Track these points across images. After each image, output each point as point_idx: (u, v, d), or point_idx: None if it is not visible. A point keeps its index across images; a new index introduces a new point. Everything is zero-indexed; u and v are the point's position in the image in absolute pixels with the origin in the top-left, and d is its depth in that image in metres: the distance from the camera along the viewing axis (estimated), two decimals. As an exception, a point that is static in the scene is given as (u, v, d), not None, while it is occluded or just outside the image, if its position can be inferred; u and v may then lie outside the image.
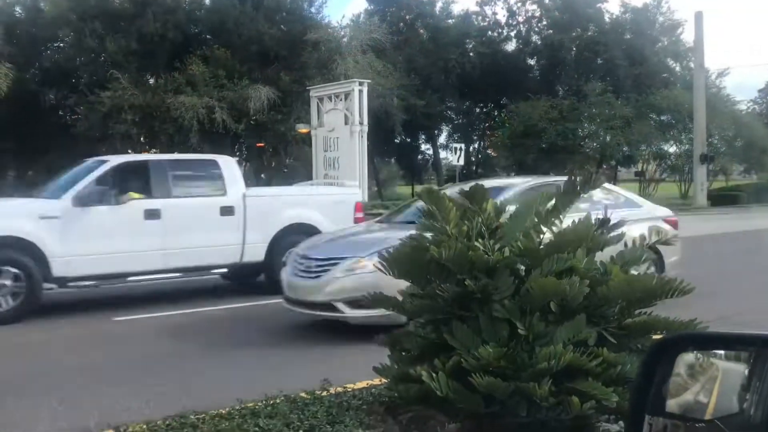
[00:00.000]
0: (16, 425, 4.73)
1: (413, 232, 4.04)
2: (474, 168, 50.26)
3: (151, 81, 33.15)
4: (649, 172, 45.65)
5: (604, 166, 42.58)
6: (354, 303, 6.56)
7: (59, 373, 6.16)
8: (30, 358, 6.79)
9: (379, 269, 3.92)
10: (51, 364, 6.50)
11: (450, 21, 43.70)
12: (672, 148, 44.23)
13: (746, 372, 1.43)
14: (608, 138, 38.22)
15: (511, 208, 4.12)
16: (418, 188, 35.70)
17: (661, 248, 10.46)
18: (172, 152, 34.42)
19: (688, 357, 1.48)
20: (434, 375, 3.56)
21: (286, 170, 35.13)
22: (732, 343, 1.49)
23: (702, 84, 37.72)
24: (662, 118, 41.51)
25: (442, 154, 50.21)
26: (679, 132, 42.46)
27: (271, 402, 4.38)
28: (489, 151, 49.11)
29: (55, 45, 34.63)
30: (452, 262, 3.65)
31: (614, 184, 44.51)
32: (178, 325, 8.50)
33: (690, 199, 40.19)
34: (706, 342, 1.56)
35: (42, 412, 4.99)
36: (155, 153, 36.74)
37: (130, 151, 37.17)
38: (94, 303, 9.65)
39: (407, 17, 43.57)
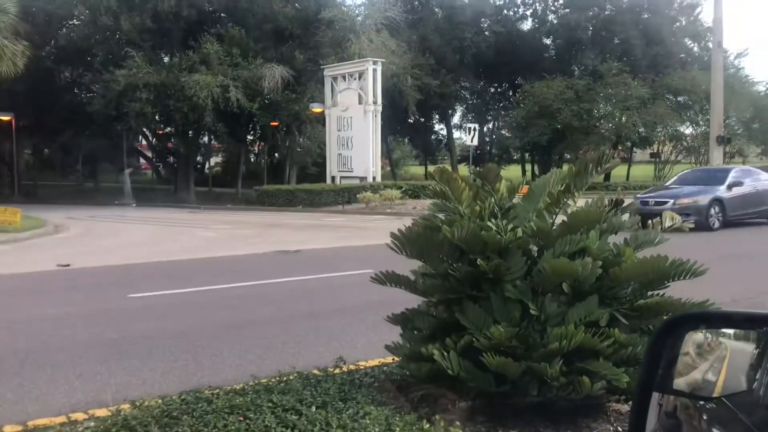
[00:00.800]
0: (35, 399, 4.81)
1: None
2: (488, 148, 50.01)
3: (166, 59, 33.18)
4: (664, 154, 45.23)
5: (620, 147, 42.24)
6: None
7: (76, 347, 6.25)
8: (47, 333, 6.89)
9: (392, 248, 3.94)
10: (67, 339, 6.59)
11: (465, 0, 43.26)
12: (688, 130, 43.78)
13: (755, 351, 1.43)
14: (624, 119, 37.85)
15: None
16: (431, 168, 35.49)
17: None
18: (187, 131, 34.61)
19: (697, 336, 1.49)
20: (446, 354, 3.59)
21: (300, 149, 35.12)
22: (741, 322, 1.49)
23: (720, 64, 37.19)
24: (679, 99, 41.02)
25: (456, 134, 50.03)
26: (696, 113, 41.97)
27: (285, 379, 4.42)
28: (503, 132, 48.80)
29: (71, 23, 34.71)
30: (465, 242, 3.66)
31: (629, 165, 44.27)
32: (192, 302, 8.59)
33: (706, 181, 39.80)
34: (715, 321, 1.56)
35: (59, 386, 5.08)
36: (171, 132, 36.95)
37: (144, 129, 37.43)
38: (110, 280, 9.76)
39: (422, -5, 43.16)
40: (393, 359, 4.68)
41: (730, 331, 1.51)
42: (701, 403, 1.48)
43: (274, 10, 31.69)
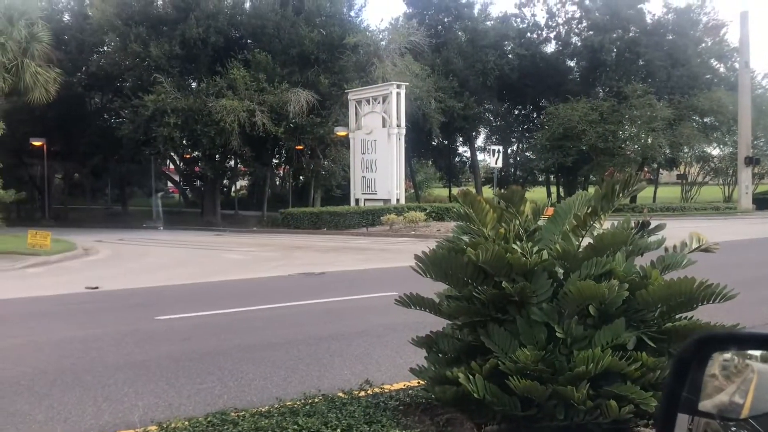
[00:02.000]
0: (63, 420, 4.87)
1: None
2: (513, 170, 49.93)
3: (194, 85, 33.70)
4: (691, 175, 44.80)
5: (645, 169, 41.91)
6: None
7: (103, 369, 6.32)
8: (75, 355, 6.97)
9: (416, 271, 3.95)
10: (96, 361, 6.66)
11: (488, 23, 43.52)
12: (715, 151, 43.37)
13: None
14: (649, 140, 37.62)
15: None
16: (456, 190, 35.38)
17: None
18: (214, 155, 35.07)
19: (723, 357, 1.48)
20: (471, 377, 3.57)
21: (325, 172, 35.33)
22: (765, 342, 1.48)
23: (747, 84, 36.90)
24: (705, 120, 40.70)
25: (480, 156, 50.04)
26: (723, 134, 41.61)
27: (310, 401, 4.44)
28: (528, 154, 48.72)
29: (101, 50, 35.47)
30: (489, 265, 3.66)
31: (656, 187, 43.86)
32: (218, 324, 8.64)
33: (734, 203, 39.34)
34: (740, 342, 1.54)
35: (87, 407, 5.13)
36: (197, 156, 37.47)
37: (172, 153, 37.98)
38: (137, 302, 9.86)
39: (445, 20, 43.49)
40: (418, 382, 4.67)
41: (757, 352, 1.49)
42: (733, 429, 1.47)
43: (300, 36, 32.12)
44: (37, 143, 33.47)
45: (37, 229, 19.92)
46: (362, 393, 4.61)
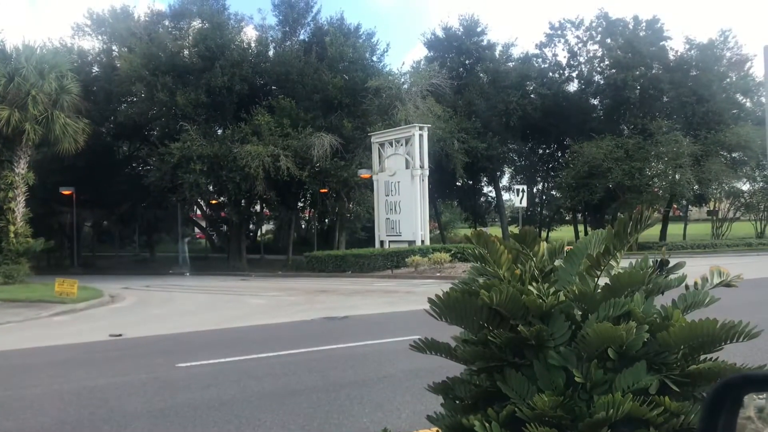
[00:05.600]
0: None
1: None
2: (539, 210, 49.62)
3: (219, 131, 34.24)
4: (722, 211, 44.09)
5: (675, 206, 41.37)
6: None
7: (121, 418, 6.26)
8: (95, 404, 6.93)
9: (430, 314, 3.85)
10: (114, 410, 6.62)
11: (510, 64, 43.71)
12: (745, 186, 42.72)
13: None
14: (677, 176, 37.20)
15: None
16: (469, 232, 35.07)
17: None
18: (240, 200, 35.37)
19: (757, 399, 1.39)
20: (487, 425, 3.45)
21: (349, 215, 35.41)
22: None
23: (774, 119, 36.48)
24: (733, 155, 40.20)
25: (505, 196, 49.82)
26: (752, 169, 41.02)
27: (324, 450, 4.33)
28: (553, 192, 48.43)
29: (129, 100, 36.30)
30: (504, 307, 3.55)
31: (685, 224, 43.14)
32: (239, 371, 8.56)
33: (767, 239, 38.58)
34: None
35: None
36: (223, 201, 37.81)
37: (199, 200, 38.40)
38: (159, 350, 9.84)
39: (467, 62, 43.82)
40: (437, 430, 4.54)
41: None
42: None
43: (324, 81, 32.56)
44: (66, 192, 34.10)
45: (64, 277, 20.14)
46: (378, 441, 4.49)
